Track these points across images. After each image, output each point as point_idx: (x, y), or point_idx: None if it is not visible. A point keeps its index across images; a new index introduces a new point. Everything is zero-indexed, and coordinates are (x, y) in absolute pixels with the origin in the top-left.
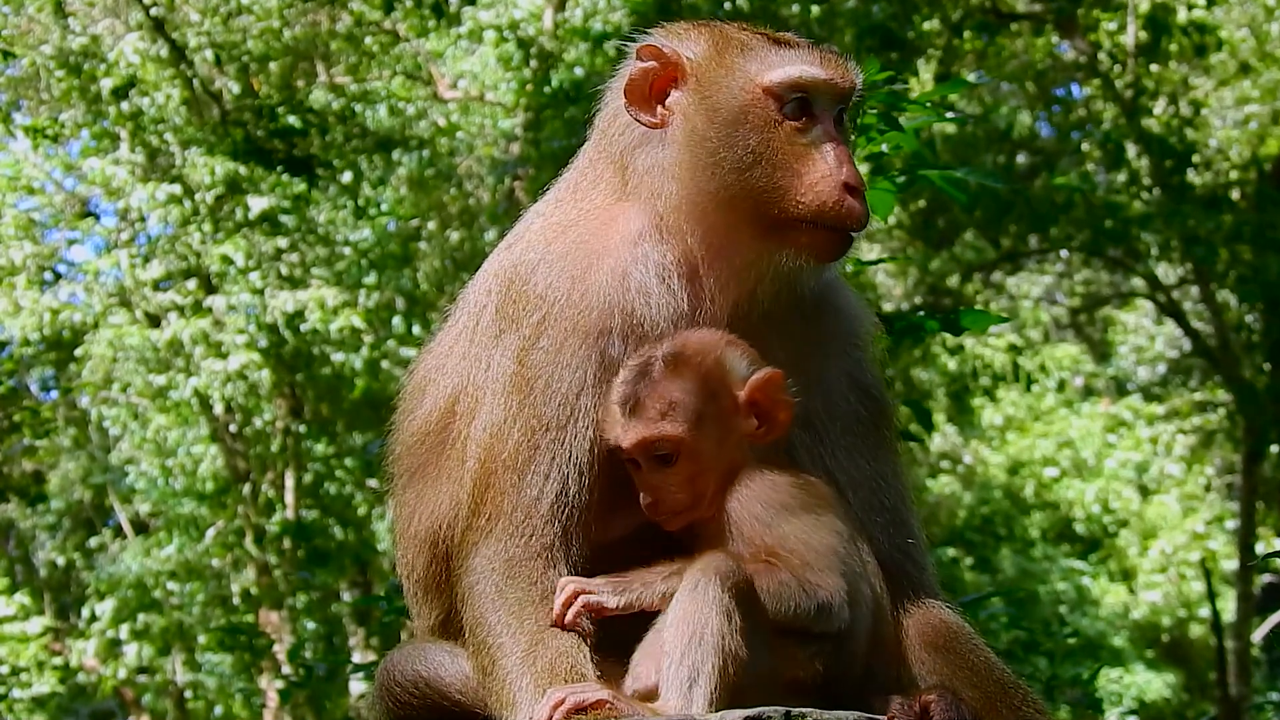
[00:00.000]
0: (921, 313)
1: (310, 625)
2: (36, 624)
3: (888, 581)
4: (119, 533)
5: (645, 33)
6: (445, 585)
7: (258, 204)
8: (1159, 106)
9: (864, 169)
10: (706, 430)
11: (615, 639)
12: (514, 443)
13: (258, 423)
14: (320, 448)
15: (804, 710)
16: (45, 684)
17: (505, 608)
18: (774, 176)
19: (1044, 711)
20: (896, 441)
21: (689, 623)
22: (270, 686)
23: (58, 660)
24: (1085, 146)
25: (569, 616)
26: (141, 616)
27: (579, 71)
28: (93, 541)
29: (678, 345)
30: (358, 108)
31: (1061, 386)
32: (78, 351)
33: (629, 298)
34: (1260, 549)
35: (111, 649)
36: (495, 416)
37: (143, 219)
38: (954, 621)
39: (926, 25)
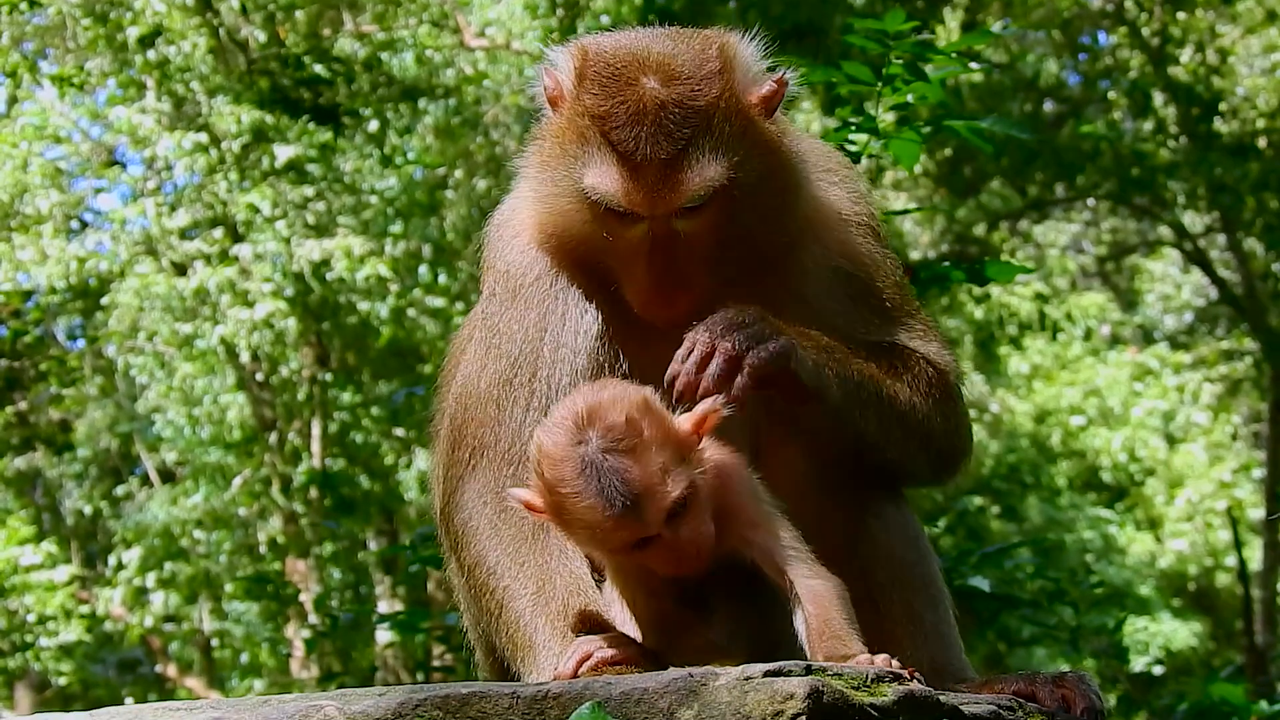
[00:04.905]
0: (947, 263)
1: (336, 574)
2: (63, 572)
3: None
4: (146, 481)
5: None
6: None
7: (284, 152)
8: (1186, 54)
9: (889, 118)
10: (682, 464)
11: None
12: (487, 381)
13: (284, 371)
14: (347, 396)
15: (824, 664)
16: (72, 632)
17: (502, 546)
18: (597, 255)
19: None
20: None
21: None
22: (297, 635)
23: (85, 609)
24: (1112, 94)
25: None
26: (168, 565)
27: (605, 20)
28: (119, 490)
29: (599, 421)
30: (384, 56)
31: (1088, 335)
32: (104, 300)
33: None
34: None
35: (138, 597)
36: (470, 362)
37: (169, 168)
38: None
39: None
